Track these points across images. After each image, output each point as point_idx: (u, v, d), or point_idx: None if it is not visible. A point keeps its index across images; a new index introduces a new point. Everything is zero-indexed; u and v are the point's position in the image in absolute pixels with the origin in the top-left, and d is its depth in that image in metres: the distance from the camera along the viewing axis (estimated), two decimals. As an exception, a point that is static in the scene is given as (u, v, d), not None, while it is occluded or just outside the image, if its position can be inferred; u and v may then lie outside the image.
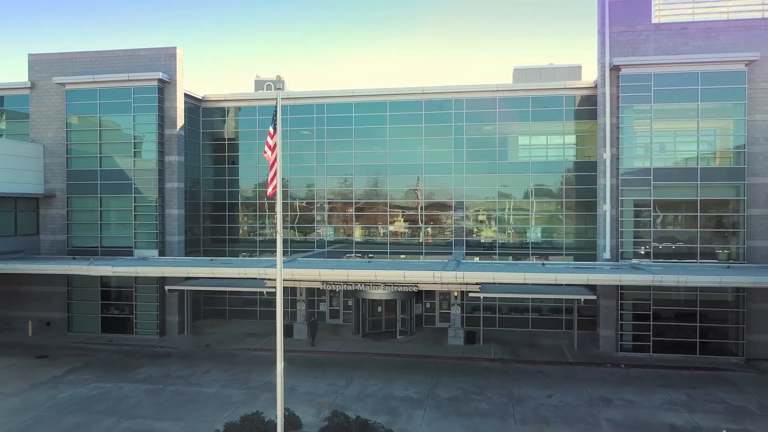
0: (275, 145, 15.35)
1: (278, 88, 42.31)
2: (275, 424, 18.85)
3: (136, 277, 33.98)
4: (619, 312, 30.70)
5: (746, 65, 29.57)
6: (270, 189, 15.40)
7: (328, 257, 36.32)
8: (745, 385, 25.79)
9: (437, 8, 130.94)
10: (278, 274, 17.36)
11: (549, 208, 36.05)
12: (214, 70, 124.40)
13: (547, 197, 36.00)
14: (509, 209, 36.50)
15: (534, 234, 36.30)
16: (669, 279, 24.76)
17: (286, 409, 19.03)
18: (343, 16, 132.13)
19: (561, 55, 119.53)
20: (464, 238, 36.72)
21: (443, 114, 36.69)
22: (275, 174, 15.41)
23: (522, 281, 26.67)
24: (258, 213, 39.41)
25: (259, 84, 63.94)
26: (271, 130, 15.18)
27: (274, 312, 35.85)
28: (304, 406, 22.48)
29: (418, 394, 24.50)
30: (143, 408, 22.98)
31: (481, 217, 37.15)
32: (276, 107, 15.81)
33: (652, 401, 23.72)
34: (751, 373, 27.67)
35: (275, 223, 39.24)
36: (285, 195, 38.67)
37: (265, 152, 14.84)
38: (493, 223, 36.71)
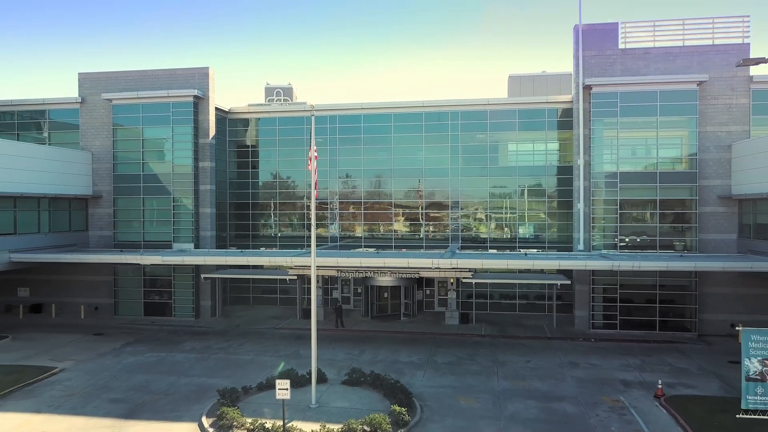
0: (312, 158, 20.58)
1: (309, 110, 47.52)
2: (307, 378, 24.13)
3: (174, 267, 39.17)
4: (591, 295, 35.90)
5: (698, 85, 34.77)
6: (314, 191, 20.71)
7: (339, 250, 41.47)
8: (692, 354, 30.95)
9: (438, 23, 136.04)
10: (312, 261, 22.63)
11: (533, 206, 41.21)
12: (225, 76, 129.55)
13: (532, 197, 41.15)
14: (498, 208, 41.65)
15: (520, 229, 41.43)
16: (626, 264, 29.99)
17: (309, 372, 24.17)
18: (348, 27, 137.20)
19: (556, 58, 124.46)
20: (459, 234, 41.87)
21: (441, 124, 41.82)
22: (315, 180, 20.70)
23: (506, 267, 31.92)
24: (278, 211, 44.50)
25: (269, 91, 69.41)
26: (313, 146, 20.41)
27: (292, 298, 41.67)
28: (326, 368, 27.58)
29: (419, 360, 29.70)
30: (195, 370, 28.19)
31: (474, 215, 42.31)
32: (311, 136, 21.00)
33: (611, 365, 28.91)
34: (700, 345, 32.85)
35: (292, 221, 44.52)
36: (302, 196, 43.92)
37: (308, 165, 20.02)
38: (484, 220, 41.89)
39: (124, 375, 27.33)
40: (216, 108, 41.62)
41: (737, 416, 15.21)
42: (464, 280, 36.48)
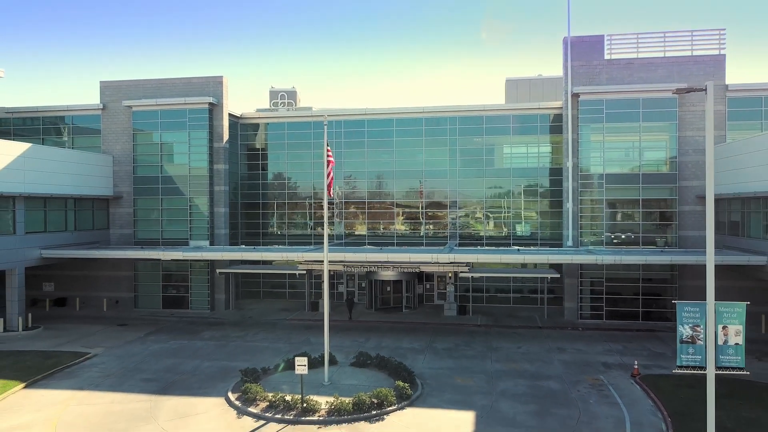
0: (327, 163, 23.38)
1: (323, 120, 50.10)
2: (319, 360, 26.90)
3: (191, 262, 41.94)
4: (580, 288, 38.68)
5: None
6: (328, 191, 23.52)
7: (346, 247, 44.22)
8: (670, 341, 33.64)
9: (438, 26, 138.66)
10: (325, 256, 25.31)
11: (526, 205, 43.98)
12: (232, 80, 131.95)
13: (525, 197, 43.91)
14: (494, 207, 44.42)
15: (514, 227, 44.20)
16: (608, 258, 32.78)
17: (321, 355, 26.92)
18: (349, 31, 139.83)
19: (553, 63, 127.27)
20: (457, 231, 44.64)
21: (440, 129, 44.59)
22: (330, 182, 23.50)
23: (499, 261, 34.68)
24: (286, 211, 47.26)
25: (274, 94, 72.28)
26: (327, 151, 23.23)
27: (300, 292, 44.51)
28: (336, 353, 30.21)
29: (420, 346, 32.48)
30: (216, 354, 30.96)
31: (471, 214, 45.08)
32: (325, 143, 23.76)
33: (595, 350, 31.69)
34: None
35: (299, 220, 47.26)
36: (309, 196, 46.68)
37: (327, 168, 22.89)
38: (481, 218, 44.66)
39: (152, 359, 30.10)
40: (228, 113, 44.35)
41: (673, 371, 18.08)
42: (461, 275, 39.26)
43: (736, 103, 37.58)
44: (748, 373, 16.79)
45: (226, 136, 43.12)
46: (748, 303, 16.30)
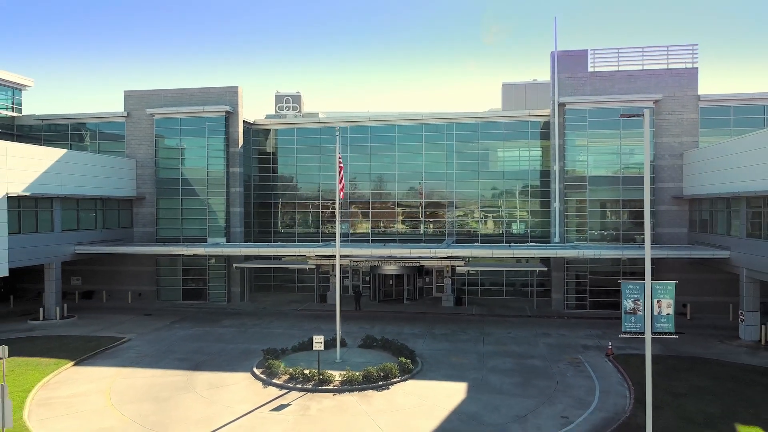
0: (338, 170, 27.04)
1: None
2: (331, 342, 30.53)
3: (209, 258, 45.59)
4: (566, 281, 42.31)
5: (654, 102, 41.19)
6: (340, 194, 27.17)
7: (352, 243, 47.85)
8: (646, 327, 37.35)
9: (438, 31, 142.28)
10: (337, 251, 28.96)
11: (517, 205, 47.62)
12: (238, 83, 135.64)
13: (516, 197, 47.54)
14: (488, 206, 48.05)
15: (506, 225, 47.84)
16: (589, 252, 36.45)
17: (333, 338, 30.52)
18: (350, 35, 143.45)
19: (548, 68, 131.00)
20: (454, 229, 48.28)
21: (438, 134, 48.21)
22: (341, 185, 27.15)
23: (491, 255, 38.37)
24: (296, 211, 50.90)
25: (279, 98, 75.91)
26: (338, 157, 26.89)
27: (309, 286, 48.26)
28: (345, 336, 33.74)
29: (420, 332, 36.13)
30: (237, 339, 34.61)
31: (467, 213, 48.71)
32: (336, 150, 27.41)
33: (577, 334, 35.35)
34: (655, 321, 39.27)
35: (307, 219, 50.88)
36: (316, 197, 50.32)
37: (338, 173, 26.53)
38: (476, 217, 48.29)
39: (181, 342, 33.75)
40: (243, 120, 47.94)
41: (619, 335, 21.86)
42: (458, 269, 42.89)
43: (708, 112, 41.23)
44: (677, 336, 20.51)
45: (241, 142, 46.76)
46: (677, 282, 20.10)
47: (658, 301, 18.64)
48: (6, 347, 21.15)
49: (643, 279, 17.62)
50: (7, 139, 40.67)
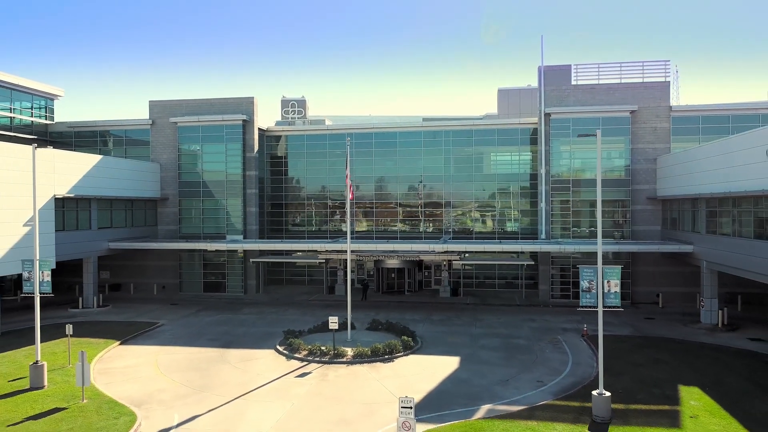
0: (348, 176, 31.56)
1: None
2: (342, 326, 35.02)
3: (228, 253, 50.08)
4: (551, 273, 46.83)
5: (631, 113, 45.72)
6: (350, 195, 31.71)
7: (358, 240, 52.35)
8: (622, 314, 41.46)
9: (438, 34, 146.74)
10: (347, 246, 33.46)
11: (509, 205, 52.13)
12: (245, 89, 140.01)
13: (508, 198, 52.06)
14: (482, 206, 52.56)
15: (498, 223, 52.34)
16: (569, 248, 40.99)
17: (344, 322, 34.97)
18: (351, 39, 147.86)
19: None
20: (451, 227, 52.79)
21: (436, 140, 52.73)
22: (350, 188, 31.66)
23: (483, 250, 42.93)
24: (306, 210, 55.38)
25: (285, 103, 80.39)
26: (348, 166, 31.37)
27: (318, 279, 52.97)
28: (353, 321, 38.28)
29: (420, 318, 40.64)
30: (258, 324, 39.10)
31: (463, 212, 53.22)
32: (347, 159, 31.88)
33: (559, 320, 39.87)
34: (630, 309, 43.71)
35: (315, 219, 55.36)
36: (324, 197, 54.81)
37: (349, 185, 31.04)
38: (471, 216, 52.79)
39: (209, 327, 38.25)
40: (257, 128, 52.43)
41: (577, 309, 26.27)
42: (454, 263, 47.39)
43: (679, 121, 45.75)
44: (622, 309, 26.04)
45: (256, 147, 51.26)
46: (622, 267, 24.88)
47: (608, 282, 23.10)
48: (71, 325, 25.68)
49: (604, 265, 22.05)
50: (42, 146, 45.18)
